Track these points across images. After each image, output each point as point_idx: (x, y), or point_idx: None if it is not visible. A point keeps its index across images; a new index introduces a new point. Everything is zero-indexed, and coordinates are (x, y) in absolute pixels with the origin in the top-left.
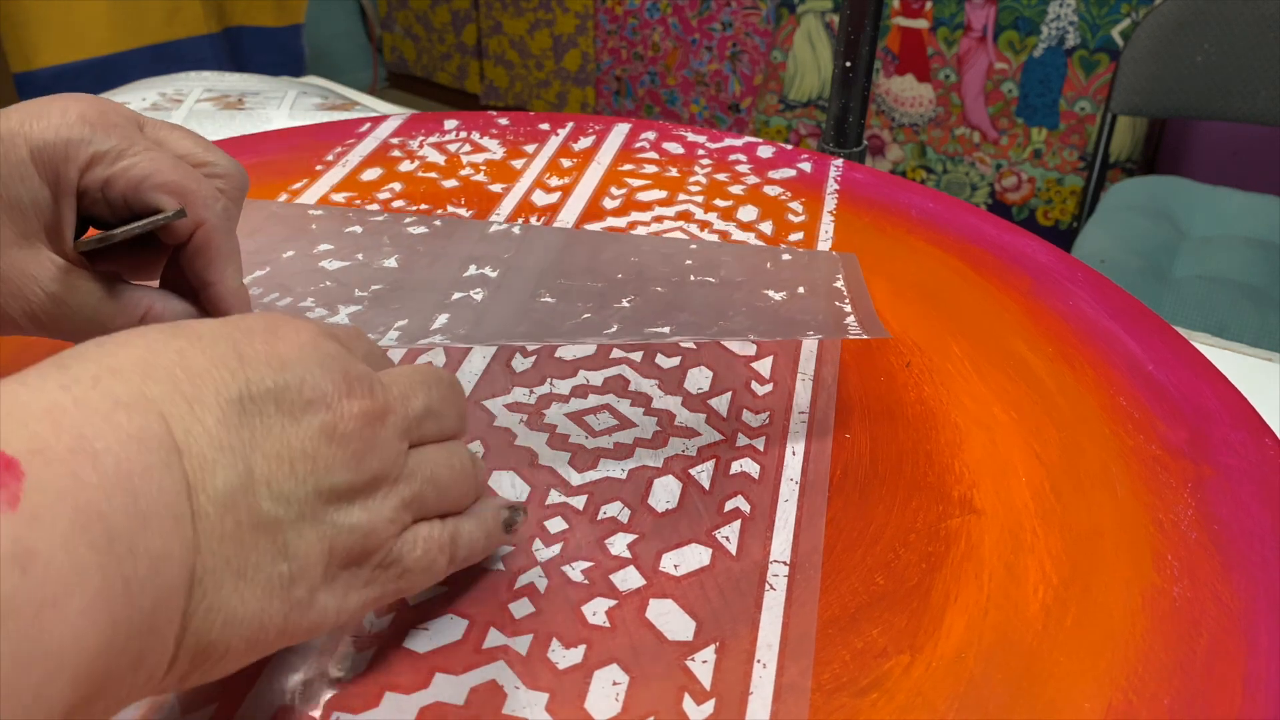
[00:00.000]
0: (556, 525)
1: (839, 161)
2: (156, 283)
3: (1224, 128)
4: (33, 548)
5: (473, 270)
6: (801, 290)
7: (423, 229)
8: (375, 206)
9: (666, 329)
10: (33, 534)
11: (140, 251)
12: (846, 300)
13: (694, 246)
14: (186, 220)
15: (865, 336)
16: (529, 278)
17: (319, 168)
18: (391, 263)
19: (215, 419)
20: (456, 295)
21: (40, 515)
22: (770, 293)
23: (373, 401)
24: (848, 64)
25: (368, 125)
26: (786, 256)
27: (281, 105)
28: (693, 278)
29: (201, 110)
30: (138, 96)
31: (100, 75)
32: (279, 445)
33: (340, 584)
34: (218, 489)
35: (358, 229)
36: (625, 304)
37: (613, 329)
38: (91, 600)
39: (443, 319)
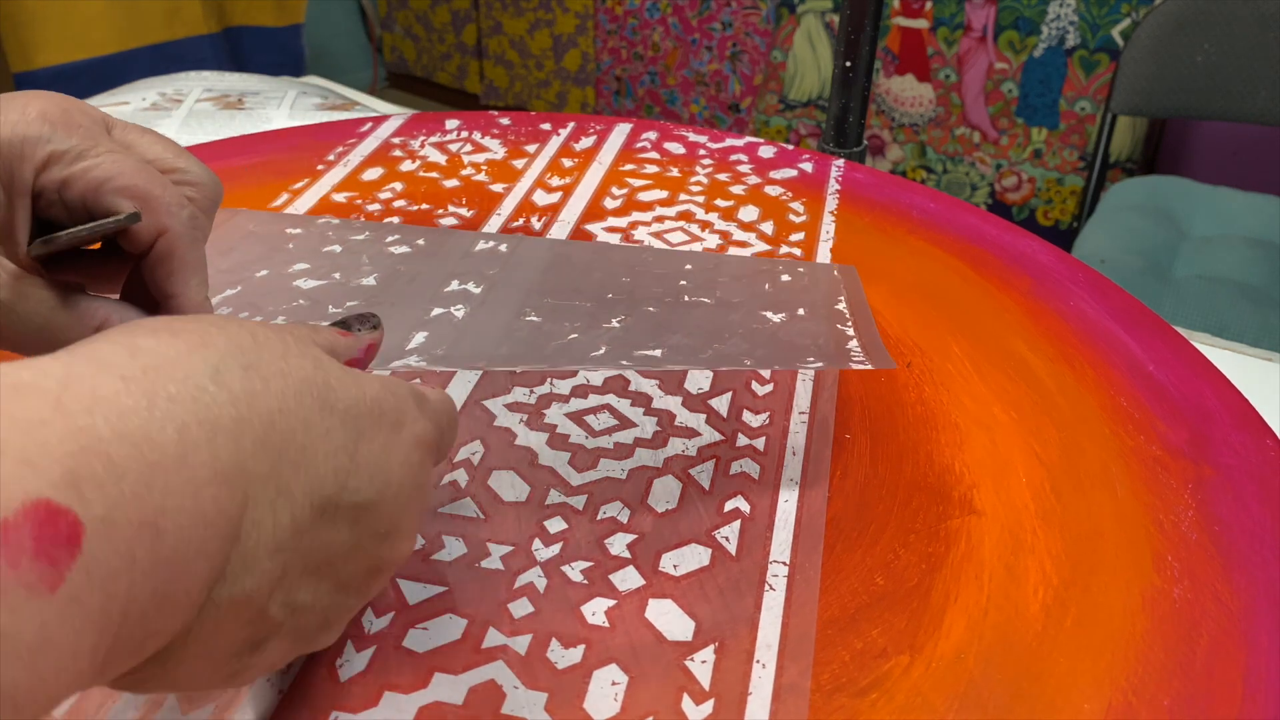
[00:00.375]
0: (556, 525)
1: (840, 162)
2: (118, 294)
3: (1224, 128)
4: (52, 638)
5: (455, 285)
6: (802, 312)
7: (405, 248)
8: (358, 223)
9: (658, 352)
10: (59, 622)
11: (102, 260)
12: (849, 324)
13: (689, 266)
14: (148, 227)
15: (869, 367)
16: (514, 295)
17: (320, 167)
18: (370, 281)
19: (289, 519)
20: (436, 311)
21: (75, 600)
22: (769, 314)
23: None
24: (848, 64)
25: (369, 125)
26: (786, 278)
27: (281, 105)
28: (686, 298)
29: (201, 110)
30: (138, 96)
31: (100, 75)
32: (323, 562)
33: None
34: (243, 589)
35: (336, 248)
36: (615, 324)
37: (600, 351)
38: (73, 679)
39: (420, 337)
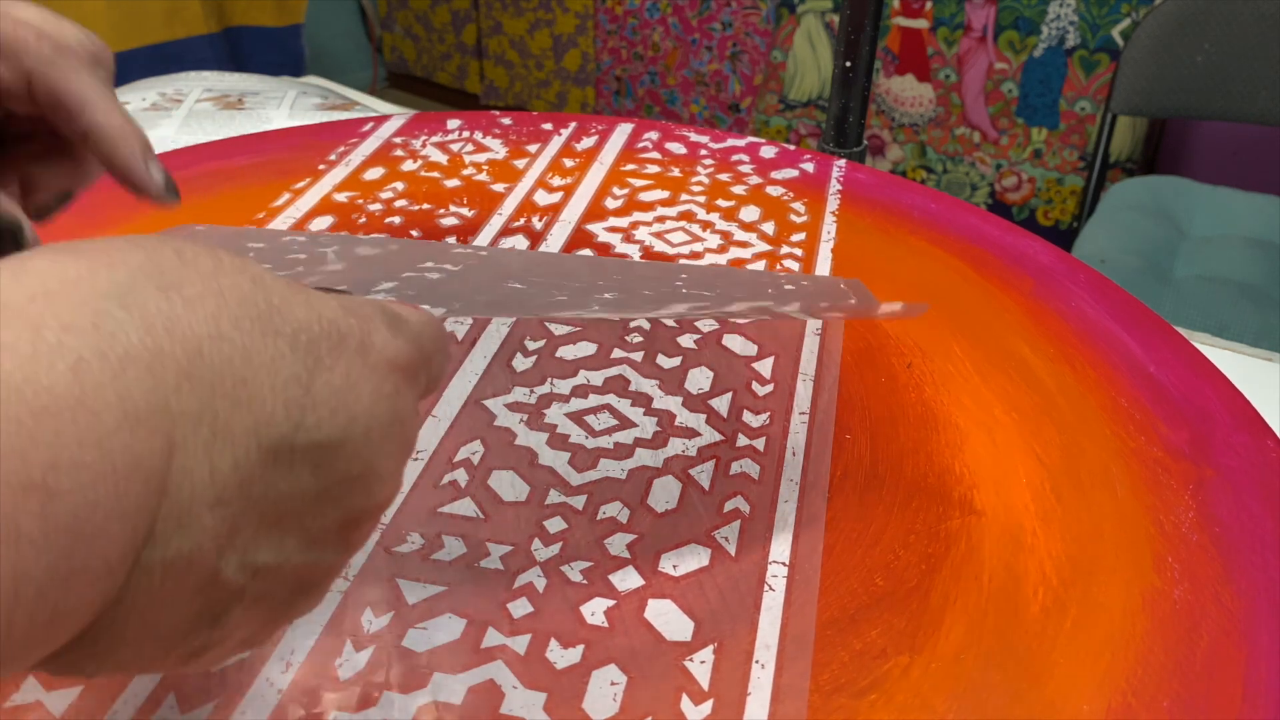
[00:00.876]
0: (556, 525)
1: (841, 162)
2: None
3: (1224, 128)
4: None
5: (429, 264)
6: (806, 284)
7: (377, 250)
8: (325, 236)
9: (657, 309)
10: None
11: None
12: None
13: (685, 276)
14: (12, 81)
15: (899, 312)
16: (496, 272)
17: (322, 167)
18: (336, 267)
19: (231, 464)
20: (407, 274)
21: None
22: (776, 286)
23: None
24: (848, 64)
25: (371, 125)
26: (789, 286)
27: (281, 105)
28: (685, 291)
29: (201, 110)
30: (138, 96)
31: None
32: (284, 513)
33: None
34: (180, 551)
35: (302, 255)
36: (607, 296)
37: (593, 310)
38: None
39: (388, 284)
